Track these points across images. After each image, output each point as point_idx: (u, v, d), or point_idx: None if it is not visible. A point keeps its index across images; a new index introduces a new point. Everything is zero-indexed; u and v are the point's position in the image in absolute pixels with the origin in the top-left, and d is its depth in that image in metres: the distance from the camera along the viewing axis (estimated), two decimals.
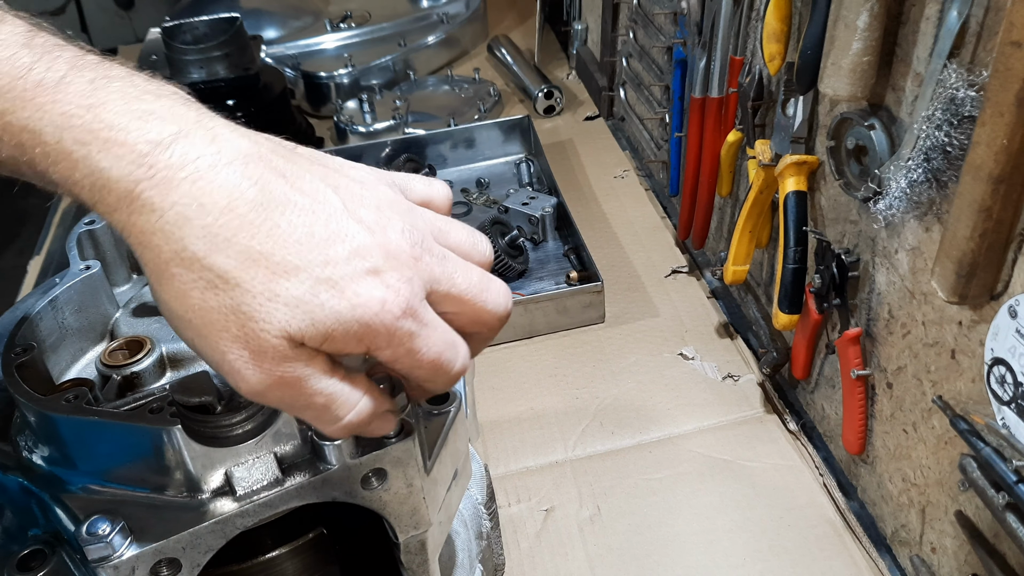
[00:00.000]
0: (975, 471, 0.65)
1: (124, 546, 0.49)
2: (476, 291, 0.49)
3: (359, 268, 0.44)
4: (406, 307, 0.45)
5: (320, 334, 0.43)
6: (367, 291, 0.43)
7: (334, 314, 0.43)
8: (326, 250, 0.43)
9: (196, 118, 0.43)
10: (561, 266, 1.30)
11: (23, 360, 0.57)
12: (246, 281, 0.42)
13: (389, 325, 0.44)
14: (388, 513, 0.57)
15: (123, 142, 0.41)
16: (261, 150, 0.44)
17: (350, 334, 0.43)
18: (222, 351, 0.43)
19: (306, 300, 0.42)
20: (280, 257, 0.42)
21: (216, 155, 0.42)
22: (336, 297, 0.43)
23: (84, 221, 0.70)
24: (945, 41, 0.64)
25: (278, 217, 0.43)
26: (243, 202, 0.42)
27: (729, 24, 1.03)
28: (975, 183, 0.60)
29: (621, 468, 1.00)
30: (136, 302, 0.67)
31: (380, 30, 1.91)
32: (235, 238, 0.42)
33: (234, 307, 0.42)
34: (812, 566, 0.88)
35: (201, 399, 0.50)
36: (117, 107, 0.42)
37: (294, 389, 0.44)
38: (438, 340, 0.47)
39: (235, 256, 0.42)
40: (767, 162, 0.93)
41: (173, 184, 0.41)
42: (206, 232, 0.41)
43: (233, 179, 0.42)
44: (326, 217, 0.44)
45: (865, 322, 0.84)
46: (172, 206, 0.41)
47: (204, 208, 0.41)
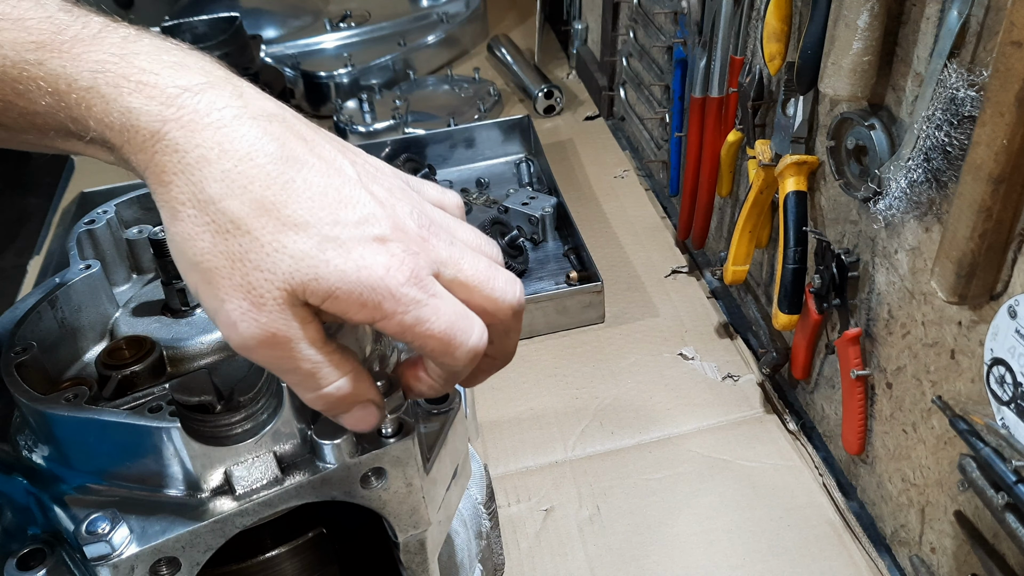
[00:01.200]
0: (974, 471, 0.65)
1: (123, 545, 0.49)
2: (484, 278, 0.49)
3: (367, 233, 0.44)
4: (411, 274, 0.45)
5: (323, 291, 0.43)
6: (372, 256, 0.44)
7: (338, 272, 0.43)
8: (337, 211, 0.44)
9: (225, 75, 0.45)
10: (561, 266, 1.30)
11: (23, 359, 0.57)
12: (256, 229, 0.42)
13: (394, 291, 0.44)
14: (387, 512, 0.57)
15: (154, 84, 0.43)
16: (285, 114, 0.46)
17: (353, 296, 0.44)
18: (221, 298, 0.43)
19: (312, 255, 0.43)
20: (291, 210, 0.43)
21: (242, 108, 0.44)
22: (342, 256, 0.43)
23: (84, 221, 0.70)
24: (945, 41, 0.64)
25: (294, 173, 0.44)
26: (263, 154, 0.43)
27: (729, 24, 1.03)
28: (975, 183, 0.60)
29: (621, 468, 1.00)
30: (136, 301, 0.67)
31: (380, 29, 1.91)
32: (251, 186, 0.43)
33: (241, 254, 0.43)
34: (812, 566, 0.88)
35: (200, 398, 0.50)
36: (150, 57, 0.44)
37: (283, 349, 0.45)
38: (448, 311, 0.46)
39: (248, 203, 0.42)
40: (767, 162, 0.93)
41: (198, 127, 0.42)
42: (224, 176, 0.42)
43: (256, 132, 0.44)
44: (340, 182, 0.45)
45: (865, 322, 0.84)
46: (195, 147, 0.42)
47: (225, 153, 0.42)
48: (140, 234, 0.71)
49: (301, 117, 0.48)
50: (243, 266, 0.43)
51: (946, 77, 0.63)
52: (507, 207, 1.35)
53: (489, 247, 0.53)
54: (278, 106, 0.46)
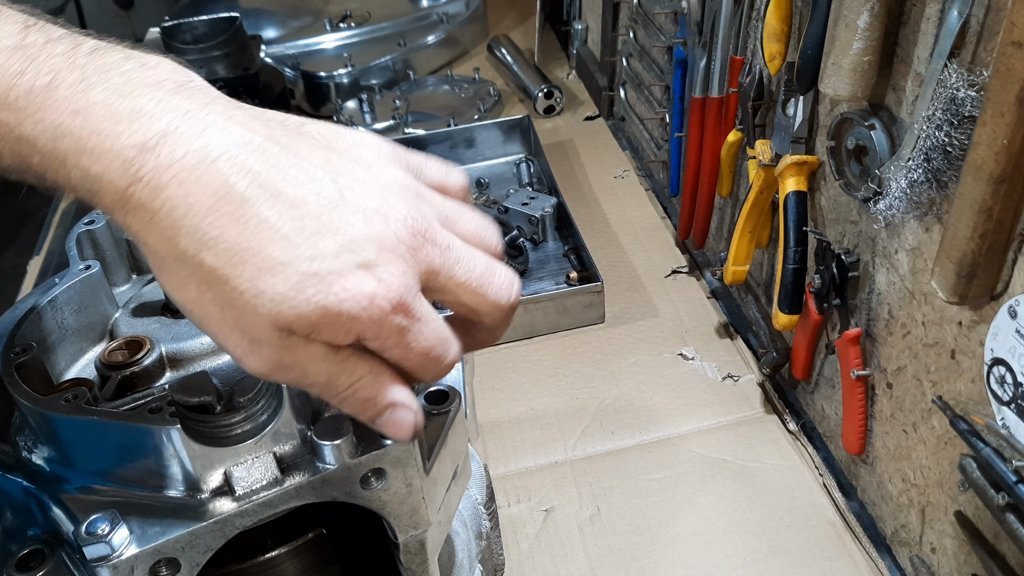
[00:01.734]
0: (975, 471, 0.65)
1: (123, 546, 0.49)
2: (477, 281, 0.49)
3: (349, 262, 0.43)
4: (397, 302, 0.44)
5: (307, 326, 0.43)
6: (356, 285, 0.43)
7: (320, 308, 0.43)
8: (315, 244, 0.43)
9: (186, 108, 0.43)
10: (561, 266, 1.30)
11: (22, 360, 0.57)
12: (234, 278, 0.42)
13: (378, 320, 0.44)
14: (387, 513, 0.57)
15: (110, 149, 0.42)
16: (255, 138, 0.44)
17: (337, 326, 0.44)
18: (223, 338, 0.45)
19: (291, 296, 0.42)
20: (266, 253, 0.42)
21: (204, 150, 0.42)
22: (323, 292, 0.43)
23: (84, 221, 0.70)
24: (946, 41, 0.64)
25: (267, 212, 0.43)
26: (228, 200, 0.42)
27: (729, 24, 1.03)
28: (975, 183, 0.60)
29: (621, 468, 1.00)
30: (136, 302, 0.67)
31: (380, 30, 1.91)
32: (222, 236, 0.42)
33: (226, 301, 0.43)
34: (812, 566, 0.88)
35: (200, 399, 0.50)
36: (104, 109, 0.42)
37: (294, 372, 0.45)
38: (429, 335, 0.47)
39: (222, 254, 0.42)
40: (767, 162, 0.93)
41: (161, 186, 0.42)
42: (194, 232, 0.42)
43: (220, 175, 0.42)
44: (319, 209, 0.44)
45: (865, 322, 0.84)
46: (161, 207, 0.42)
47: (191, 209, 0.42)
48: None
49: (276, 129, 0.46)
50: (231, 311, 0.43)
51: (946, 77, 0.63)
52: (507, 207, 1.35)
53: (489, 237, 0.52)
54: (247, 129, 0.44)
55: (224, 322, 0.44)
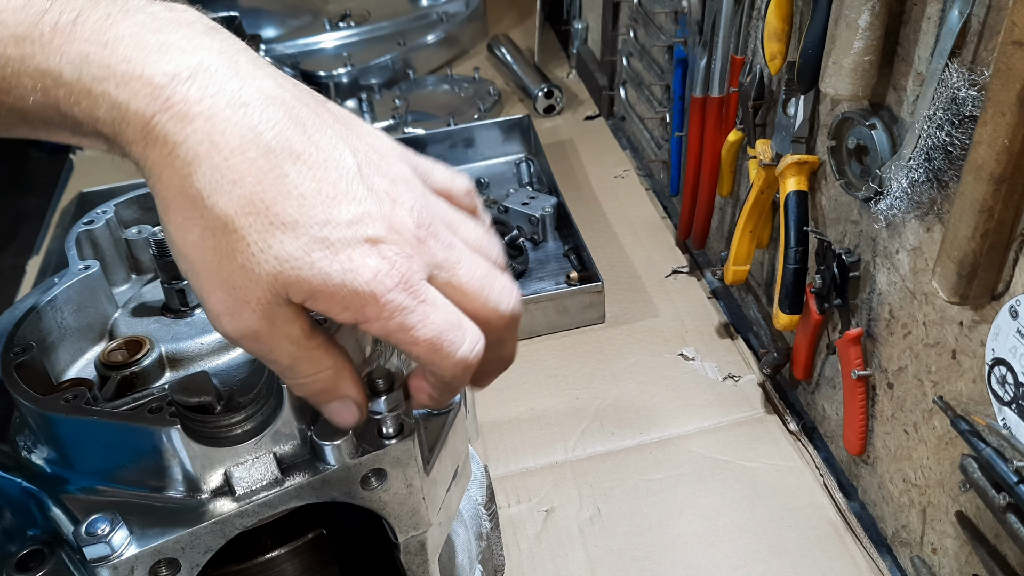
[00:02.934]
0: (976, 472, 0.65)
1: (123, 546, 0.49)
2: (478, 284, 0.48)
3: (359, 234, 0.43)
4: (400, 280, 0.44)
5: (304, 291, 0.43)
6: (361, 258, 0.43)
7: (322, 275, 0.42)
8: (329, 209, 0.43)
9: (220, 49, 0.43)
10: (561, 266, 1.29)
11: (22, 360, 0.57)
12: (243, 228, 0.41)
13: (379, 296, 0.43)
14: (388, 514, 0.57)
15: (140, 75, 0.41)
16: (285, 95, 0.44)
17: (336, 298, 0.43)
18: (208, 291, 0.43)
19: (297, 256, 0.42)
20: (281, 208, 0.42)
21: (236, 92, 0.42)
22: (328, 258, 0.42)
23: (83, 221, 0.70)
24: (946, 40, 0.63)
25: (288, 167, 0.42)
26: (255, 146, 0.41)
27: (730, 23, 1.03)
28: (976, 183, 0.60)
29: (621, 469, 1.00)
30: (135, 302, 0.67)
31: (379, 29, 1.91)
32: (240, 181, 0.41)
33: (228, 251, 0.42)
34: (813, 567, 0.87)
35: (200, 399, 0.50)
36: (134, 41, 0.41)
37: (264, 343, 0.45)
38: (438, 319, 0.46)
39: (237, 200, 0.41)
40: (768, 162, 0.93)
41: (188, 118, 0.41)
42: (214, 171, 0.41)
43: (249, 120, 0.42)
44: (337, 176, 0.43)
45: (866, 322, 0.84)
46: (185, 140, 0.41)
47: (215, 146, 0.41)
48: (139, 234, 0.71)
49: (304, 94, 0.46)
50: (229, 263, 0.42)
51: (947, 77, 0.63)
52: (507, 207, 1.35)
53: (491, 247, 0.52)
54: (278, 85, 0.44)
55: (218, 274, 0.42)
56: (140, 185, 0.74)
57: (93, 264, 0.65)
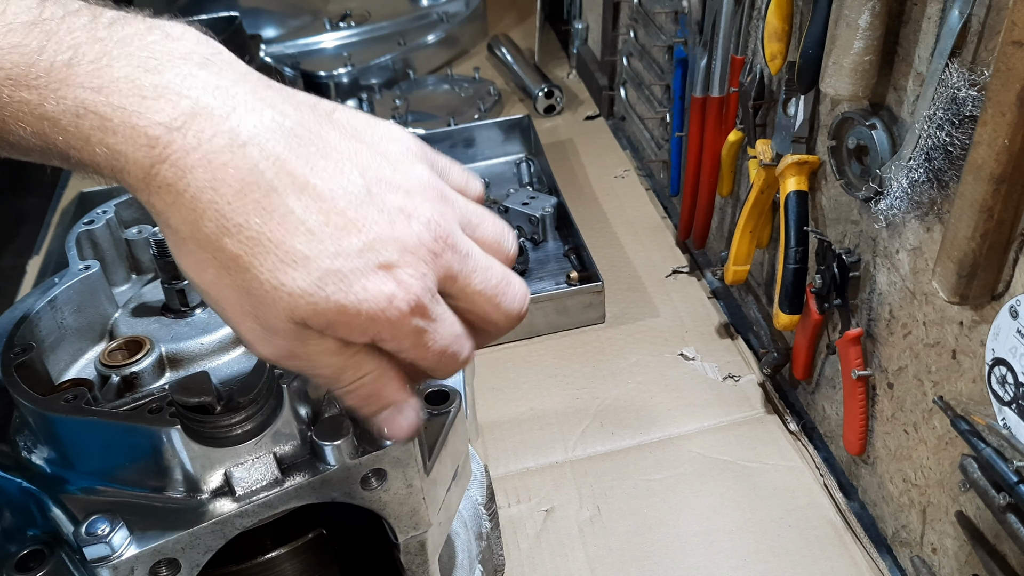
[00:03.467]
0: (976, 472, 0.65)
1: (123, 546, 0.49)
2: (492, 292, 0.49)
3: (371, 262, 0.43)
4: (415, 304, 0.44)
5: (322, 322, 0.43)
6: (376, 286, 0.43)
7: (337, 306, 0.43)
8: (339, 240, 0.43)
9: (215, 84, 0.42)
10: (561, 266, 1.29)
11: (22, 360, 0.57)
12: (255, 267, 0.42)
13: (395, 321, 0.44)
14: (388, 514, 0.57)
15: (135, 126, 0.40)
16: (286, 123, 0.43)
17: (353, 326, 0.44)
18: (237, 322, 0.44)
19: (310, 292, 0.42)
20: (290, 246, 0.42)
21: (233, 132, 0.41)
22: (343, 290, 0.43)
23: (83, 221, 0.70)
24: (947, 40, 0.63)
25: (293, 202, 0.42)
26: (257, 187, 0.41)
27: (730, 23, 1.03)
28: (976, 183, 0.60)
29: (621, 469, 1.00)
30: (135, 302, 0.67)
31: (379, 29, 1.91)
32: (247, 223, 0.41)
33: (245, 288, 0.42)
34: (813, 567, 0.87)
35: (200, 399, 0.50)
36: (127, 85, 0.40)
37: (303, 362, 0.46)
38: (446, 334, 0.47)
39: (246, 241, 0.42)
40: (768, 162, 0.93)
41: (187, 167, 0.41)
42: (219, 217, 0.41)
43: (248, 160, 0.41)
44: (345, 204, 0.43)
45: (866, 322, 0.84)
46: (187, 188, 0.41)
47: (217, 192, 0.41)
48: (139, 234, 0.71)
49: (307, 115, 0.45)
50: (248, 299, 0.43)
51: (947, 77, 0.63)
52: (507, 207, 1.35)
53: (507, 244, 0.52)
54: (278, 112, 0.43)
55: (240, 307, 0.43)
56: None
57: (93, 264, 0.65)
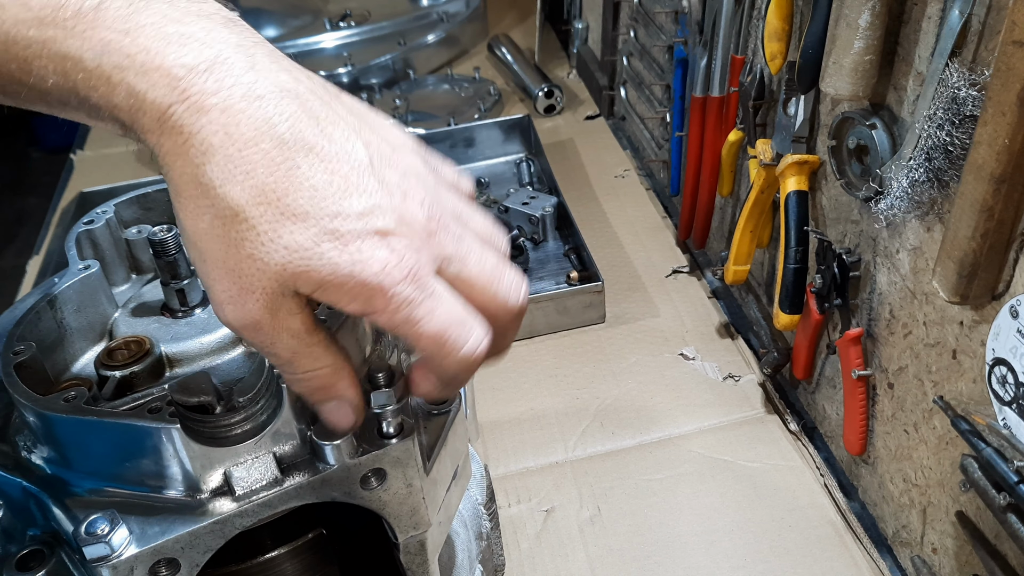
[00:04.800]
0: (976, 472, 0.65)
1: (123, 546, 0.49)
2: (488, 278, 0.49)
3: (369, 226, 0.44)
4: (408, 272, 0.44)
5: (313, 282, 0.43)
6: (370, 250, 0.43)
7: (331, 265, 0.43)
8: (340, 201, 0.43)
9: (237, 42, 0.43)
10: (561, 266, 1.29)
11: (22, 360, 0.57)
12: (254, 218, 0.42)
13: (387, 288, 0.44)
14: (387, 513, 0.57)
15: (159, 66, 0.41)
16: (300, 88, 0.44)
17: (344, 289, 0.43)
18: (213, 279, 0.44)
19: (307, 247, 0.42)
20: (292, 199, 0.42)
21: (251, 85, 0.42)
22: (338, 250, 0.43)
23: (83, 221, 0.70)
24: (947, 40, 0.63)
25: (300, 159, 0.43)
26: (269, 138, 0.42)
27: (730, 23, 1.03)
28: (977, 183, 0.59)
29: (622, 469, 1.00)
30: (135, 302, 0.67)
31: (379, 29, 1.91)
32: (253, 172, 0.42)
33: (238, 240, 0.42)
34: (813, 567, 0.87)
35: (200, 399, 0.50)
36: (154, 31, 0.42)
37: (264, 336, 0.45)
38: (443, 313, 0.46)
39: (249, 190, 0.42)
40: (768, 162, 0.93)
41: (204, 110, 0.41)
42: (227, 161, 0.42)
43: (264, 113, 0.42)
44: (348, 169, 0.44)
45: (866, 322, 0.84)
46: (200, 130, 0.41)
47: (229, 137, 0.42)
48: (139, 234, 0.71)
49: (319, 87, 0.46)
50: (237, 253, 0.43)
51: (947, 76, 0.63)
52: (507, 207, 1.35)
53: (499, 239, 0.52)
54: (293, 78, 0.45)
55: (224, 262, 0.43)
56: (140, 185, 0.74)
57: (93, 264, 0.65)
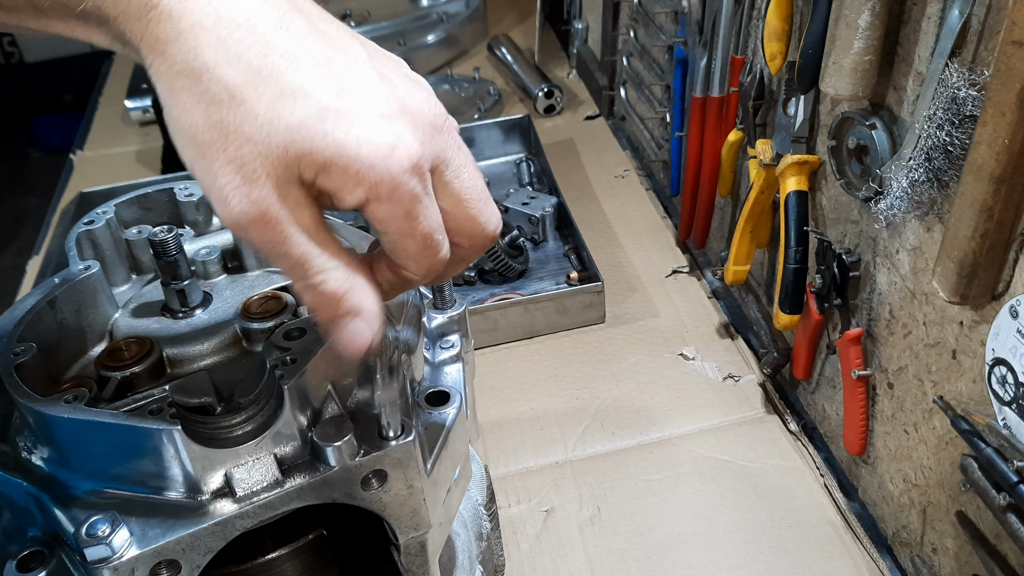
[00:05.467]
0: (976, 472, 0.65)
1: (123, 547, 0.49)
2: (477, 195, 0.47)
3: (373, 109, 0.42)
4: (416, 163, 0.42)
5: (318, 163, 0.41)
6: (378, 132, 0.41)
7: (336, 145, 0.41)
8: (342, 81, 0.41)
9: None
10: (561, 266, 1.29)
11: (22, 360, 0.57)
12: (251, 98, 0.40)
13: (396, 176, 0.42)
14: (388, 515, 0.57)
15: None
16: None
17: (349, 172, 0.41)
18: (215, 172, 0.41)
19: (310, 124, 0.41)
20: (291, 77, 0.41)
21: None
22: (343, 128, 0.41)
23: (83, 221, 0.70)
24: (946, 40, 0.63)
25: (296, 44, 0.41)
26: (263, 22, 0.41)
27: (730, 23, 1.03)
28: (976, 183, 0.60)
29: (621, 469, 1.00)
30: (136, 302, 0.67)
31: (379, 29, 1.91)
32: (248, 52, 0.40)
33: (235, 125, 0.41)
34: (813, 567, 0.87)
35: (201, 400, 0.50)
36: None
37: (274, 230, 0.43)
38: (434, 216, 0.45)
39: (245, 70, 0.40)
40: (768, 162, 0.93)
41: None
42: (220, 42, 0.40)
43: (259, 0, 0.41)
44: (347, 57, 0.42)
45: (866, 322, 0.84)
46: (191, 13, 0.40)
47: (221, 20, 0.40)
48: (139, 234, 0.71)
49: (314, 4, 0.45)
50: (236, 138, 0.41)
51: (947, 77, 0.63)
52: (507, 207, 1.35)
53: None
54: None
55: (224, 151, 0.41)
56: (140, 185, 0.74)
57: (93, 264, 0.65)
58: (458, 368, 0.69)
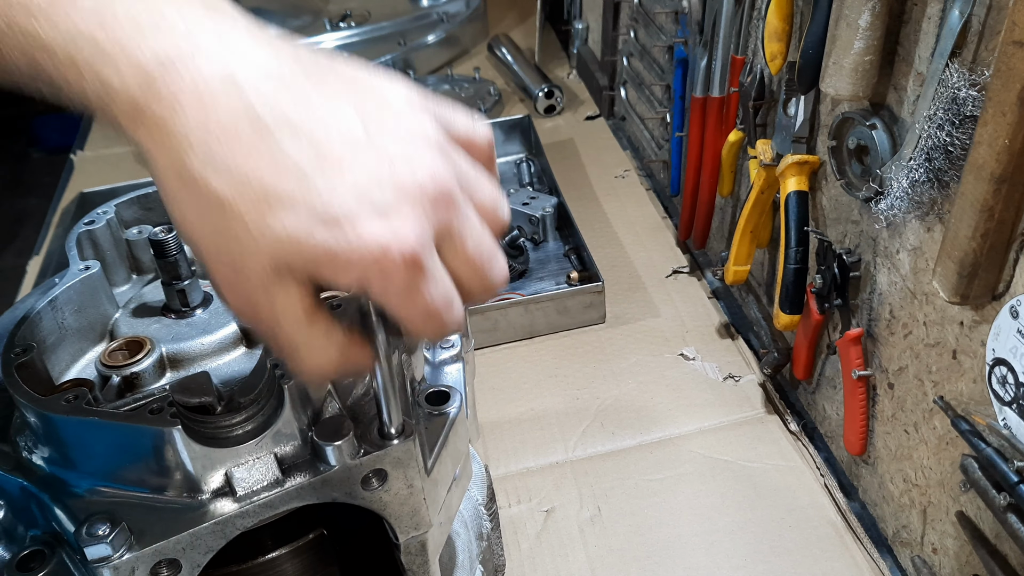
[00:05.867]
0: (977, 472, 0.65)
1: (124, 547, 0.49)
2: (482, 259, 0.47)
3: (366, 206, 0.41)
4: (409, 257, 0.42)
5: (308, 268, 0.42)
6: (369, 233, 0.41)
7: (326, 251, 0.41)
8: (332, 179, 0.41)
9: (214, 27, 0.42)
10: (562, 266, 1.29)
11: (23, 360, 0.57)
12: (240, 207, 0.41)
13: (387, 272, 0.42)
14: (388, 514, 0.57)
15: (130, 60, 0.40)
16: (282, 68, 0.43)
17: (340, 271, 0.42)
18: (211, 267, 0.43)
19: (297, 234, 0.41)
20: (279, 187, 0.41)
21: (228, 73, 0.41)
22: (332, 233, 0.41)
23: (83, 221, 0.70)
24: (947, 40, 0.63)
25: (285, 140, 0.41)
26: (248, 123, 0.41)
27: (730, 23, 1.03)
28: (977, 183, 0.60)
29: (622, 469, 1.00)
30: (136, 302, 0.67)
31: (380, 29, 1.91)
32: (234, 161, 0.40)
33: (226, 230, 0.41)
34: (813, 567, 0.87)
35: (201, 400, 0.50)
36: (126, 18, 0.40)
37: (267, 325, 0.44)
38: (437, 294, 0.45)
39: (231, 181, 0.40)
40: (768, 162, 0.93)
41: (178, 105, 0.40)
42: (206, 153, 0.40)
43: (242, 99, 0.41)
44: (341, 148, 0.42)
45: (866, 322, 0.84)
46: (176, 126, 0.40)
47: (207, 130, 0.40)
48: (140, 234, 0.71)
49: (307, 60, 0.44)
50: (227, 242, 0.41)
51: (948, 77, 0.63)
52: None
53: (502, 212, 0.50)
54: (273, 56, 0.43)
55: (217, 251, 0.42)
56: (140, 185, 0.74)
57: (93, 264, 0.65)
58: (458, 368, 0.69)
